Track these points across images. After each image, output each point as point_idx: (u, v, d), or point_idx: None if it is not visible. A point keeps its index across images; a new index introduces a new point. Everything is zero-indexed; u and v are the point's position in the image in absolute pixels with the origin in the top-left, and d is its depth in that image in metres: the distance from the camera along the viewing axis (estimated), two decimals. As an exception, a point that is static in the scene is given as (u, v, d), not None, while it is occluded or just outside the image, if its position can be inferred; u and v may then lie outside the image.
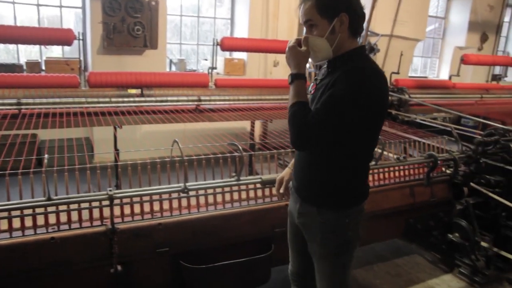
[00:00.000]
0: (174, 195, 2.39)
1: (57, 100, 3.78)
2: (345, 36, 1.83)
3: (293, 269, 2.30)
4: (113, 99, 3.98)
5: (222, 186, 2.45)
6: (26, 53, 6.54)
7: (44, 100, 3.73)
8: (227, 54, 7.47)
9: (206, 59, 7.53)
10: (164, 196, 2.36)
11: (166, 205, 2.41)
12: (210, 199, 2.51)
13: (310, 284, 2.22)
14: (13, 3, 5.94)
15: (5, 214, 2.06)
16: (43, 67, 5.91)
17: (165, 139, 4.16)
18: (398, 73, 5.77)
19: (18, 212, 2.10)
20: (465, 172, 3.46)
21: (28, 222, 2.15)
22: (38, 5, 6.10)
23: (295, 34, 7.49)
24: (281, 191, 2.24)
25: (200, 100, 4.32)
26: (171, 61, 7.09)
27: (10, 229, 2.11)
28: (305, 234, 2.06)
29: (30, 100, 3.67)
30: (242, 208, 2.54)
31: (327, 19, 1.80)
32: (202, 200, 2.49)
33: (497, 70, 9.87)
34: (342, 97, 1.72)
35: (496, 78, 8.19)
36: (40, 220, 2.17)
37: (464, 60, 6.05)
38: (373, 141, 1.96)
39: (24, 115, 3.47)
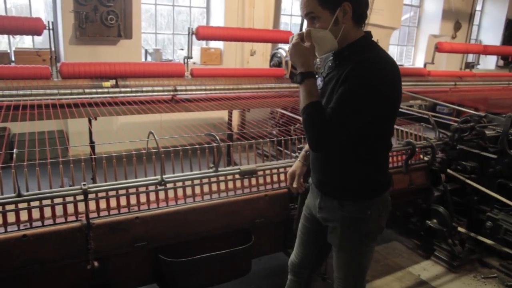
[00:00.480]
0: (151, 188, 2.31)
1: (28, 92, 3.64)
2: (350, 26, 1.78)
3: (295, 260, 2.30)
4: (86, 90, 3.85)
5: (200, 177, 2.39)
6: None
7: (14, 92, 3.58)
8: (203, 43, 7.37)
9: (182, 49, 7.41)
10: (141, 189, 2.28)
11: (143, 198, 2.34)
12: (188, 191, 2.44)
13: (309, 276, 2.29)
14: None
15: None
16: (13, 58, 5.70)
17: (142, 130, 4.06)
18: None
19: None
20: (442, 159, 3.49)
21: None
22: (5, -7, 5.87)
23: (271, 22, 7.43)
24: (295, 185, 2.21)
25: (176, 90, 4.22)
26: (146, 51, 6.95)
27: (-20, 227, 2.01)
28: (328, 227, 2.05)
29: (0, 92, 3.52)
30: (221, 199, 2.49)
31: (329, 10, 1.74)
32: (180, 192, 2.42)
33: (470, 58, 10.05)
34: (358, 92, 1.68)
35: (469, 66, 8.31)
36: (11, 217, 2.08)
37: (438, 48, 6.09)
38: (391, 131, 1.96)
39: None
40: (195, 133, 2.84)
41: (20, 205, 2.06)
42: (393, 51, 10.28)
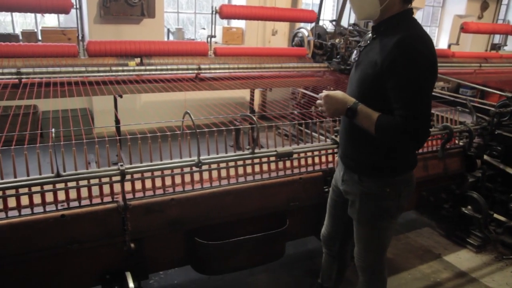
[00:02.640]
0: (186, 169, 2.22)
1: (57, 69, 3.61)
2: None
3: (326, 232, 2.35)
4: (113, 68, 3.81)
5: (237, 159, 2.29)
6: (19, 24, 6.23)
7: (44, 70, 3.55)
8: (225, 23, 7.21)
9: (204, 28, 7.26)
10: (176, 170, 2.19)
11: (178, 179, 2.25)
12: (223, 172, 2.35)
13: (340, 248, 2.34)
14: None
15: (13, 191, 1.90)
16: (40, 37, 5.63)
17: (165, 109, 3.97)
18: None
19: (26, 190, 1.93)
20: (479, 144, 3.34)
21: (37, 199, 1.99)
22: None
23: (294, 1, 7.24)
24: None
25: (200, 69, 4.15)
26: (168, 31, 6.82)
27: (19, 206, 1.95)
28: (349, 200, 2.07)
29: (30, 70, 3.49)
30: (256, 182, 2.40)
31: None
32: (214, 174, 2.33)
33: (497, 39, 9.64)
34: (411, 78, 1.67)
35: (495, 47, 7.99)
36: (49, 197, 2.01)
37: (464, 29, 5.84)
38: None
39: (25, 85, 3.30)
40: (220, 114, 2.75)
41: (58, 185, 1.98)
42: None
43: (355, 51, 1.96)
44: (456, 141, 3.30)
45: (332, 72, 4.97)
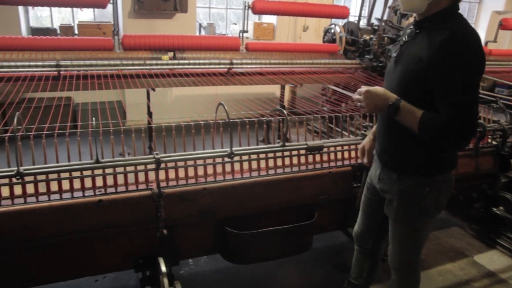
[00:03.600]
0: (218, 160, 2.31)
1: (94, 62, 3.77)
2: None
3: (359, 230, 2.36)
4: (147, 62, 3.94)
5: (268, 151, 2.35)
6: (56, 19, 6.48)
7: (81, 63, 3.72)
8: (256, 18, 7.28)
9: (235, 23, 7.35)
10: (208, 160, 2.28)
11: (210, 170, 2.34)
12: (254, 164, 2.42)
13: (373, 246, 2.33)
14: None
15: (55, 175, 2.02)
16: (76, 31, 5.84)
17: (195, 103, 4.07)
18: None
19: (67, 174, 2.05)
20: None
21: (77, 185, 2.12)
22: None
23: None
24: (365, 160, 2.21)
25: (232, 64, 4.23)
26: (200, 25, 6.93)
27: (60, 191, 2.08)
28: (386, 199, 2.06)
29: (68, 62, 3.66)
30: (287, 174, 2.46)
31: None
32: (245, 165, 2.41)
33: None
34: (460, 76, 1.65)
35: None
36: (88, 183, 2.13)
37: (503, 25, 5.71)
38: None
39: (65, 77, 3.47)
40: (251, 109, 2.82)
41: (96, 172, 2.10)
42: None
43: (393, 46, 1.95)
44: (489, 140, 3.25)
45: (364, 69, 4.96)
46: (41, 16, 6.50)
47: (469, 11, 9.91)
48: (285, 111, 2.26)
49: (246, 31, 5.00)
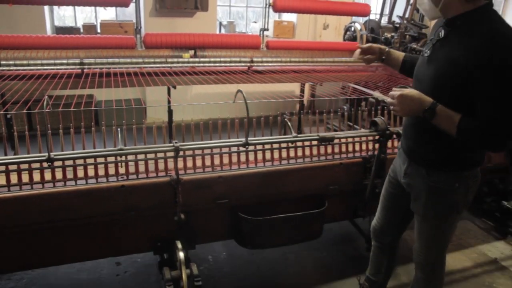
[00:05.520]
0: (233, 150, 2.54)
1: (116, 60, 3.96)
2: None
3: (377, 224, 2.45)
4: (168, 60, 4.12)
5: (281, 141, 2.55)
6: (79, 18, 6.82)
7: (104, 60, 3.92)
8: (276, 16, 7.48)
9: (255, 22, 7.58)
10: (224, 150, 2.51)
11: (225, 159, 2.57)
12: (267, 155, 2.65)
13: (391, 241, 2.43)
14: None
15: (81, 161, 2.29)
16: (98, 30, 6.16)
17: (216, 100, 4.26)
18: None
19: (92, 160, 2.32)
20: None
21: (101, 172, 2.39)
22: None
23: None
24: (356, 53, 2.35)
25: (252, 62, 4.38)
26: (220, 24, 7.19)
27: (86, 176, 2.35)
28: (411, 194, 2.14)
29: (92, 60, 3.88)
30: (299, 164, 2.68)
31: None
32: (259, 155, 2.64)
33: None
34: (504, 80, 1.66)
35: None
36: (111, 170, 2.40)
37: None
38: None
39: (86, 75, 3.69)
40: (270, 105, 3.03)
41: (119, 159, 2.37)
42: None
43: (426, 45, 1.97)
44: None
45: (385, 68, 5.07)
46: (64, 16, 6.84)
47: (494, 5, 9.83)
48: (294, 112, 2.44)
49: (267, 29, 5.16)
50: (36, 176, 2.30)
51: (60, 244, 2.41)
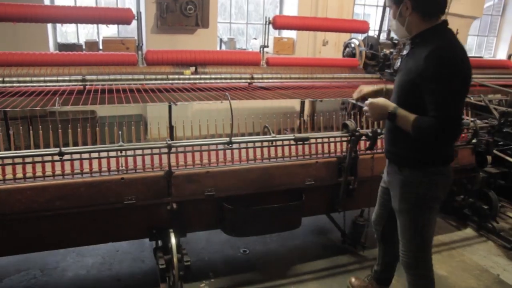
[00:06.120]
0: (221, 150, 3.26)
1: (118, 77, 4.41)
2: (415, 19, 2.47)
3: (375, 218, 3.17)
4: (169, 76, 4.61)
5: (262, 141, 3.31)
6: (82, 34, 7.61)
7: (106, 77, 4.36)
8: (276, 33, 8.17)
9: (255, 38, 8.30)
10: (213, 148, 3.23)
11: (213, 158, 3.30)
12: (251, 153, 3.37)
13: (386, 232, 3.11)
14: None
15: (87, 155, 3.01)
16: (101, 46, 6.88)
17: (216, 117, 4.84)
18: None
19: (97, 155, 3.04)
20: (488, 141, 4.16)
21: (104, 166, 3.12)
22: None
23: (345, 12, 8.11)
24: (354, 95, 3.05)
25: (253, 78, 4.89)
26: (221, 40, 7.91)
27: (91, 170, 3.07)
28: (391, 191, 2.79)
29: (94, 77, 4.30)
30: (278, 163, 3.41)
31: (395, 4, 2.52)
32: (243, 154, 3.39)
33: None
34: (440, 80, 2.28)
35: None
36: (113, 165, 3.13)
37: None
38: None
39: (89, 91, 4.08)
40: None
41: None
42: (471, 42, 10.51)
43: (398, 60, 2.76)
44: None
45: (386, 82, 5.33)
46: (66, 32, 7.58)
47: (491, 24, 10.64)
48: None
49: (267, 46, 5.57)
50: (48, 169, 3.01)
51: (67, 228, 3.12)
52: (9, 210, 2.81)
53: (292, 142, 3.40)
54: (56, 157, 2.85)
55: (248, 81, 4.87)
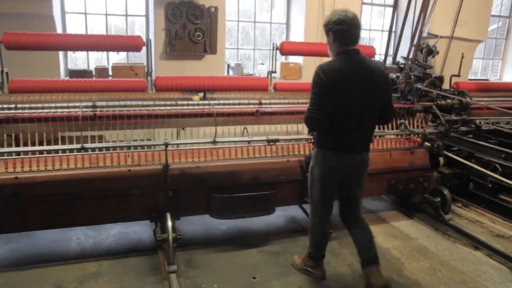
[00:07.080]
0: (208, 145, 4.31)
1: (128, 103, 4.48)
2: (336, 46, 3.34)
3: None
4: (178, 102, 4.67)
5: (241, 141, 4.27)
6: (91, 60, 7.88)
7: (116, 103, 4.42)
8: (283, 58, 8.55)
9: (262, 64, 8.17)
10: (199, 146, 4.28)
11: (202, 155, 4.31)
12: (233, 153, 4.40)
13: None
14: (85, 13, 7.36)
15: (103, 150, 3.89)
16: (110, 72, 6.75)
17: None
18: (459, 75, 6.06)
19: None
20: (438, 145, 5.08)
21: (115, 161, 3.90)
22: (106, 14, 7.08)
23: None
24: None
25: (260, 104, 5.02)
26: (228, 66, 7.87)
27: (105, 163, 3.87)
28: None
29: (104, 103, 4.39)
30: (255, 160, 4.39)
31: (327, 35, 3.41)
32: (227, 153, 4.41)
33: None
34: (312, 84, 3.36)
35: None
36: (122, 160, 3.99)
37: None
38: (332, 111, 3.26)
39: (100, 117, 4.22)
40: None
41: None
42: (476, 65, 10.88)
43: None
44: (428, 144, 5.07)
45: None
46: (76, 57, 7.80)
47: (496, 47, 11.04)
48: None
49: (275, 72, 5.84)
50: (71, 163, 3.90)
51: (84, 209, 3.87)
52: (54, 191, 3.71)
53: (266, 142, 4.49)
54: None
55: (256, 106, 4.95)
